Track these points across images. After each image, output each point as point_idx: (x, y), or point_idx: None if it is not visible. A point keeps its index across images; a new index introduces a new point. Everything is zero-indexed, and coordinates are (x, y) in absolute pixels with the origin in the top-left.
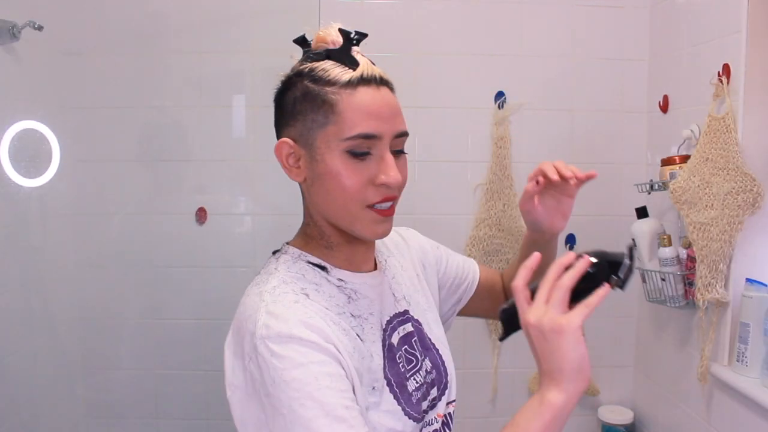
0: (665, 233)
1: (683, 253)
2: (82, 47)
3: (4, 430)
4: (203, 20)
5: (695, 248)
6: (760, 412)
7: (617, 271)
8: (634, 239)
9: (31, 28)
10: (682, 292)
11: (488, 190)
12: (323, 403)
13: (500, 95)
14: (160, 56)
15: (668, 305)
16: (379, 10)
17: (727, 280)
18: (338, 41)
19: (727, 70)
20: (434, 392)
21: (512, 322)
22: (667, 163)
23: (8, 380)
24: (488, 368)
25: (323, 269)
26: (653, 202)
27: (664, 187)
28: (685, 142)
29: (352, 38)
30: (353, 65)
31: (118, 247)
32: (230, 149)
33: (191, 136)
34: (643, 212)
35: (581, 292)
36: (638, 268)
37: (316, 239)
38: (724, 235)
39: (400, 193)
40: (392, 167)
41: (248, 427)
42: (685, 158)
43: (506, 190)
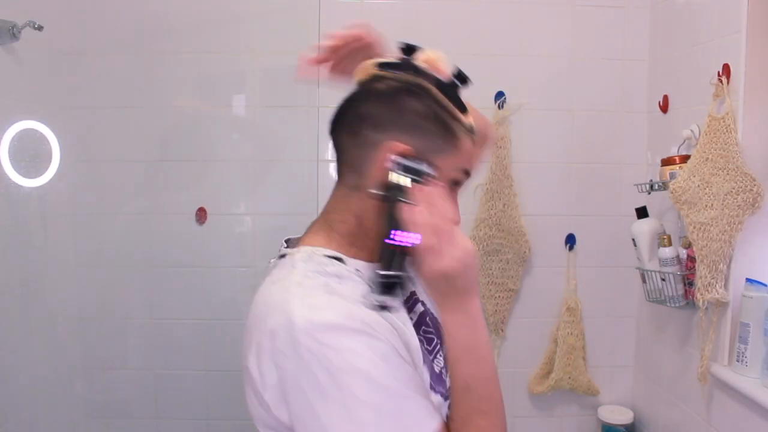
0: (665, 233)
1: (683, 253)
2: (82, 47)
3: (4, 430)
4: (203, 20)
5: (695, 248)
6: (760, 412)
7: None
8: (634, 239)
9: (31, 28)
10: (682, 292)
11: (488, 190)
12: (387, 386)
13: (500, 95)
14: (160, 56)
15: (668, 305)
16: (379, 10)
17: (727, 280)
18: (446, 74)
19: (727, 70)
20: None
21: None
22: (667, 163)
23: (8, 380)
24: None
25: (339, 260)
26: (653, 202)
27: (664, 187)
28: (685, 142)
29: (466, 82)
30: (464, 111)
31: (118, 247)
32: (230, 149)
33: (191, 136)
34: (643, 212)
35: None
36: (638, 268)
37: (346, 237)
38: (724, 235)
39: None
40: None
41: (297, 425)
42: (685, 158)
43: (506, 190)
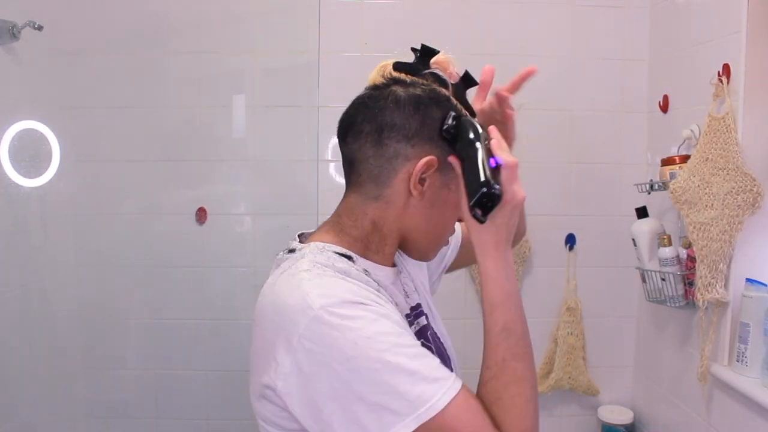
0: (665, 233)
1: (683, 253)
2: (82, 47)
3: (4, 430)
4: (203, 20)
5: (695, 248)
6: (760, 412)
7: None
8: (634, 239)
9: (31, 28)
10: (682, 292)
11: None
12: (407, 345)
13: None
14: (160, 56)
15: (668, 305)
16: (379, 10)
17: (727, 280)
18: (456, 76)
19: (727, 70)
20: None
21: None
22: (667, 163)
23: (8, 380)
24: None
25: (349, 258)
26: (653, 202)
27: (664, 187)
28: (685, 142)
29: (474, 84)
30: (473, 113)
31: (118, 247)
32: (230, 149)
33: (191, 136)
34: (643, 212)
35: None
36: (638, 268)
37: (359, 240)
38: (724, 235)
39: None
40: None
41: (316, 406)
42: (685, 158)
43: None
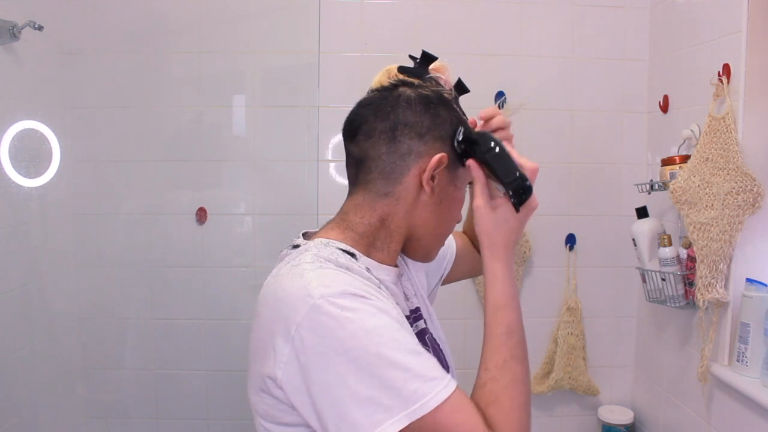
0: (665, 233)
1: (683, 253)
2: (82, 47)
3: (4, 430)
4: (203, 20)
5: (695, 248)
6: (760, 412)
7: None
8: (634, 239)
9: (31, 28)
10: (682, 292)
11: None
12: (404, 342)
13: (500, 95)
14: (160, 56)
15: (668, 305)
16: (379, 10)
17: (727, 280)
18: (449, 82)
19: (727, 70)
20: None
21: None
22: (667, 163)
23: (8, 380)
24: None
25: (352, 255)
26: (653, 202)
27: (664, 187)
28: (685, 142)
29: (467, 92)
30: (466, 117)
31: (118, 247)
32: (230, 149)
33: (191, 136)
34: (643, 212)
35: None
36: (638, 268)
37: (365, 237)
38: (724, 235)
39: None
40: None
41: (311, 396)
42: (685, 158)
43: None
